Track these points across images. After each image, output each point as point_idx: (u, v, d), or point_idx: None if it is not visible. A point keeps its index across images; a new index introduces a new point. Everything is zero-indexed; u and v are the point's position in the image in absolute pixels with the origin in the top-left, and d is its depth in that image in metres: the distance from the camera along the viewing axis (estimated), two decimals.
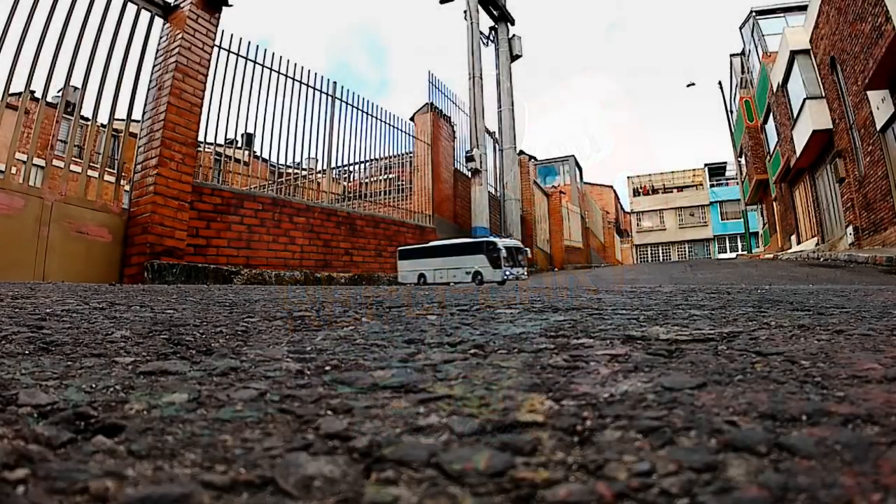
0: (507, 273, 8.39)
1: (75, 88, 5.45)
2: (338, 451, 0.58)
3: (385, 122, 10.18)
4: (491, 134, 15.20)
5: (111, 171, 9.05)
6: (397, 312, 2.16)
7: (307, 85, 8.06)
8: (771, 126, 20.70)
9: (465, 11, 13.91)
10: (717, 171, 43.28)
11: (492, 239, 8.90)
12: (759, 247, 29.88)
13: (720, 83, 26.75)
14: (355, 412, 0.74)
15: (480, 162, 12.66)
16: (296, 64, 7.79)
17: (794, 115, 16.30)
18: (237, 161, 7.95)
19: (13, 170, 5.39)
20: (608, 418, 0.69)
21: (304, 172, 8.99)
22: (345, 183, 10.86)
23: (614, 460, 0.54)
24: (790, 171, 18.56)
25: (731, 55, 26.57)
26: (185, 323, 1.71)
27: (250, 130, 7.15)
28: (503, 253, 8.35)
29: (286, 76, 7.64)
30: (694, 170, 45.58)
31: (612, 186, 46.35)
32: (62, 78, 5.26)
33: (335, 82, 8.70)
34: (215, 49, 6.47)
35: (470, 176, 12.94)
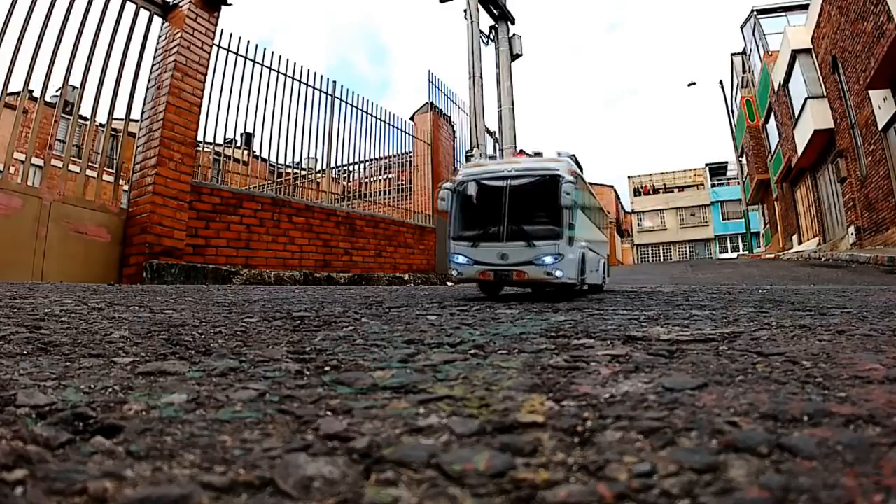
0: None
1: (74, 87, 5.44)
2: (337, 452, 0.58)
3: (385, 122, 10.17)
4: (491, 133, 15.18)
5: (110, 170, 9.03)
6: (397, 313, 2.16)
7: (307, 84, 8.04)
8: (772, 125, 20.69)
9: (465, 10, 13.88)
10: (718, 170, 43.24)
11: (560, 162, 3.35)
12: (760, 247, 29.87)
13: (721, 82, 26.72)
14: (355, 413, 0.73)
15: None
16: (295, 63, 7.79)
17: (796, 115, 16.29)
18: (236, 161, 7.94)
19: (11, 169, 5.39)
20: (609, 419, 0.69)
21: (303, 172, 8.98)
22: (344, 183, 10.84)
23: (615, 461, 0.54)
24: (791, 171, 18.55)
25: (733, 54, 26.56)
26: (184, 323, 1.70)
27: (249, 130, 7.13)
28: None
29: (286, 75, 7.63)
30: (695, 169, 45.55)
31: (612, 186, 46.31)
32: (61, 77, 5.25)
33: (335, 81, 8.69)
34: (214, 48, 6.46)
35: None
